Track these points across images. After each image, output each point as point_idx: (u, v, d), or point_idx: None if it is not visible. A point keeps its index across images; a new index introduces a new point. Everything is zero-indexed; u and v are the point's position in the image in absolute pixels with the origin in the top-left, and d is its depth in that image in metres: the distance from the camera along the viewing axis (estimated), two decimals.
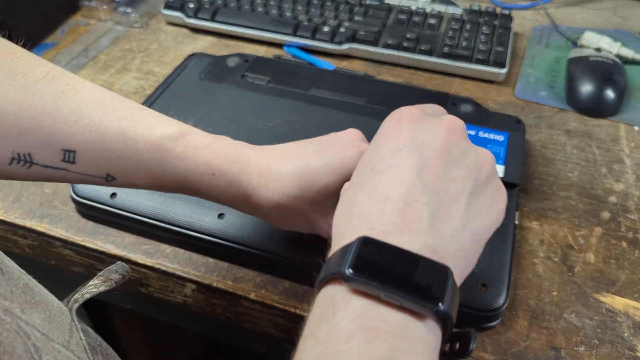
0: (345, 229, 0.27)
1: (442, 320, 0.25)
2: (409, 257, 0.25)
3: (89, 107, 0.32)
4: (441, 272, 0.25)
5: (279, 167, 0.33)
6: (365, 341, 0.23)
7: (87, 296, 0.34)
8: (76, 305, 0.33)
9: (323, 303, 0.25)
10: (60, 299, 0.35)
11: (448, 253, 0.26)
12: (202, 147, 0.33)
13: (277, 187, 0.33)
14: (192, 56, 0.63)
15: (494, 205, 0.30)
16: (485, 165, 0.30)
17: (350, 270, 0.24)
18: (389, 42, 0.65)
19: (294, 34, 0.67)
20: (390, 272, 0.24)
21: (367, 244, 0.25)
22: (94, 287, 0.35)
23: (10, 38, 0.66)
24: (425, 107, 0.34)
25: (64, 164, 0.31)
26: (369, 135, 0.51)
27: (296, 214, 0.35)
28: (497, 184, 0.31)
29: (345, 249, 0.25)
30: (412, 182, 0.27)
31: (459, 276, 0.26)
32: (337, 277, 0.25)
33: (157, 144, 0.32)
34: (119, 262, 0.37)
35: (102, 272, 0.36)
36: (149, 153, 0.32)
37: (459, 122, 0.31)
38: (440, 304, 0.24)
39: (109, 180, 0.33)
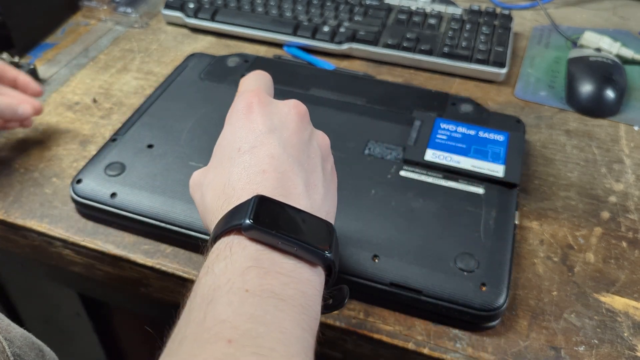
0: (226, 199, 0.30)
1: (327, 267, 0.29)
2: (299, 213, 0.29)
3: None
4: (326, 226, 0.29)
5: None
6: (258, 276, 0.26)
7: None
8: None
9: (218, 249, 0.28)
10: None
11: (321, 215, 0.30)
12: None
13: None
14: (192, 56, 0.63)
15: (334, 178, 0.35)
16: (325, 145, 0.35)
17: (250, 221, 0.27)
18: (389, 42, 0.65)
19: (294, 34, 0.67)
20: (285, 224, 0.27)
21: (262, 201, 0.28)
22: None
23: (10, 38, 0.67)
24: (263, 84, 0.37)
25: None
26: (368, 135, 0.51)
27: None
28: (331, 160, 0.36)
29: (240, 206, 0.28)
30: (282, 156, 0.31)
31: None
32: (233, 229, 0.28)
33: None
34: None
35: None
36: None
37: (303, 107, 0.35)
38: (326, 252, 0.28)
39: None
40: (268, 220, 0.27)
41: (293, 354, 0.24)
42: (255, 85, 0.36)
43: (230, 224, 0.28)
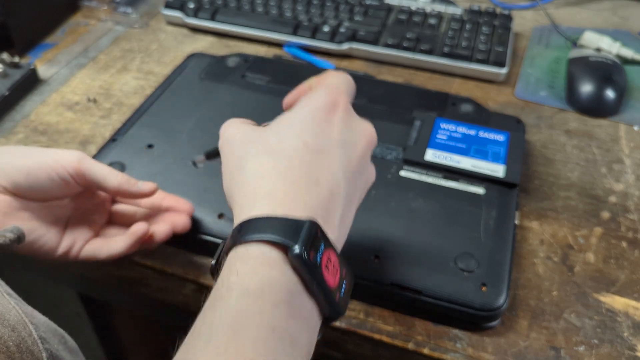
0: (272, 189, 0.28)
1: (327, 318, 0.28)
2: (340, 260, 0.28)
3: None
4: (351, 280, 0.29)
5: None
6: (287, 316, 0.25)
7: None
8: None
9: (254, 256, 0.26)
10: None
11: (338, 245, 0.30)
12: None
13: None
14: (192, 56, 0.63)
15: (369, 179, 0.34)
16: (371, 182, 0.33)
17: (303, 251, 0.25)
18: (389, 42, 0.65)
19: (294, 34, 0.67)
20: (323, 265, 0.26)
21: (314, 228, 0.26)
22: None
23: (10, 38, 0.66)
24: (350, 89, 0.34)
25: None
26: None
27: None
28: (370, 164, 0.34)
29: (293, 223, 0.26)
30: (338, 175, 0.29)
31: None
32: (276, 244, 0.26)
33: None
34: (14, 225, 0.35)
35: None
36: None
37: (375, 136, 0.33)
38: (342, 309, 0.28)
39: None
40: (312, 256, 0.25)
41: None
42: (345, 88, 0.33)
43: (276, 237, 0.26)
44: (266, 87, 0.58)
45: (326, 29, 0.67)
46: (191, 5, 0.71)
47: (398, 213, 0.44)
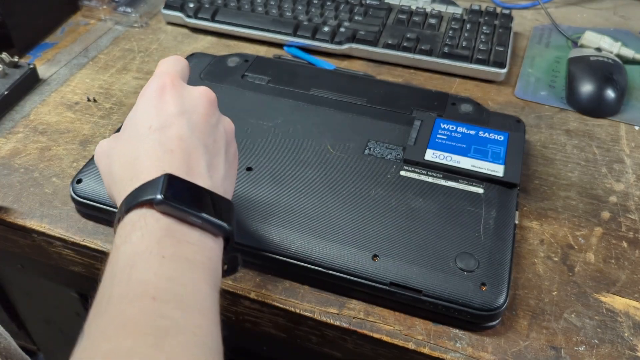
0: (135, 173, 0.33)
1: (226, 238, 0.33)
2: (204, 191, 0.32)
3: None
4: (228, 204, 0.33)
5: None
6: (172, 245, 0.30)
7: None
8: None
9: (132, 220, 0.31)
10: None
11: (220, 192, 0.34)
12: None
13: None
14: (192, 56, 0.63)
15: (235, 161, 0.38)
16: (230, 131, 0.38)
17: (161, 196, 0.30)
18: (389, 42, 0.65)
19: (294, 34, 0.67)
20: (191, 200, 0.31)
21: (171, 179, 0.31)
22: None
23: (10, 38, 0.67)
24: (180, 69, 0.39)
25: None
26: (368, 135, 0.51)
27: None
28: (235, 145, 0.39)
29: (151, 183, 0.31)
30: (189, 138, 0.34)
31: None
32: (145, 203, 0.31)
33: None
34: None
35: None
36: None
37: (213, 94, 0.37)
38: (227, 225, 0.32)
39: None
40: (177, 197, 0.30)
41: (206, 307, 0.29)
42: (172, 69, 0.38)
43: (143, 198, 0.31)
44: (266, 87, 0.58)
45: (326, 29, 0.67)
46: (191, 6, 0.71)
47: (398, 213, 0.44)
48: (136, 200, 0.31)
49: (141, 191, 0.31)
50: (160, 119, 0.34)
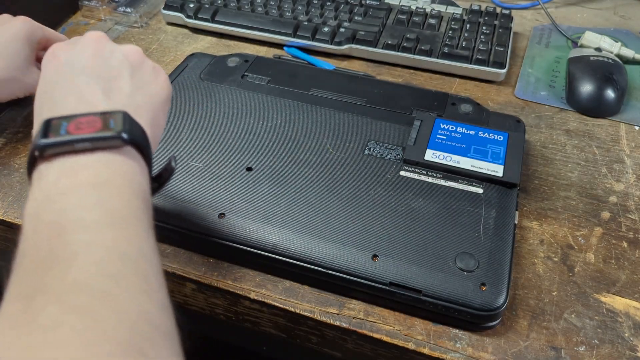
0: (38, 116, 0.34)
1: (137, 146, 0.32)
2: (85, 115, 0.32)
3: None
4: (117, 114, 0.33)
5: None
6: (68, 181, 0.30)
7: None
8: None
9: (33, 178, 0.31)
10: None
11: (130, 109, 0.34)
12: None
13: None
14: (192, 56, 0.63)
15: (156, 76, 0.39)
16: (133, 53, 0.39)
17: (43, 139, 0.30)
18: (389, 43, 0.65)
19: (294, 35, 0.67)
20: (73, 130, 0.31)
21: (48, 120, 0.32)
22: None
23: None
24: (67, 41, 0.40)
25: None
26: (368, 135, 0.51)
27: None
28: (151, 63, 0.40)
29: (40, 127, 0.31)
30: (79, 78, 0.35)
31: (148, 124, 0.35)
32: (35, 157, 0.31)
33: None
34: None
35: None
36: None
37: (99, 32, 0.39)
38: (123, 134, 0.31)
39: None
40: (55, 134, 0.31)
41: (124, 220, 0.30)
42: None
43: (33, 146, 0.31)
44: (266, 87, 0.58)
45: (326, 29, 0.67)
46: (191, 6, 0.71)
47: (398, 213, 0.44)
48: (31, 156, 0.32)
49: (36, 136, 0.32)
50: (58, 72, 0.36)
